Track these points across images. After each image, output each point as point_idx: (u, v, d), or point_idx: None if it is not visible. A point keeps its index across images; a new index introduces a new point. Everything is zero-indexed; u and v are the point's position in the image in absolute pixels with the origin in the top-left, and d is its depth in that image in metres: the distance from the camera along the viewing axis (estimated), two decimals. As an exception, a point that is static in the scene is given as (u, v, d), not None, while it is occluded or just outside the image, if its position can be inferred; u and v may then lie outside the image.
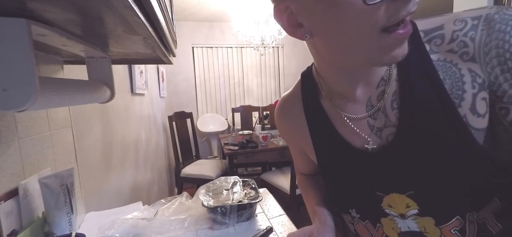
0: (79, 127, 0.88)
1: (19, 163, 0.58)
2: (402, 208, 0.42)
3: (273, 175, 2.19)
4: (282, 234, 0.69)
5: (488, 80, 0.35)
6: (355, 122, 0.44)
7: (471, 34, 0.36)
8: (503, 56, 0.34)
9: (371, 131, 0.42)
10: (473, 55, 0.35)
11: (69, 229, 0.62)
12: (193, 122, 3.05)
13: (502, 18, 0.34)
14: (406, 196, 0.41)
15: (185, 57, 3.57)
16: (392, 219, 0.44)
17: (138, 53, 0.67)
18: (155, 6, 0.39)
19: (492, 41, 0.34)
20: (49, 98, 0.41)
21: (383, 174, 0.42)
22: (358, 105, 0.43)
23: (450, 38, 0.37)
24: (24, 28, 0.34)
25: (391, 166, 0.41)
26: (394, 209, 0.43)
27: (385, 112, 0.41)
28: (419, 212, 0.41)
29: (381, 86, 0.41)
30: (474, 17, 0.36)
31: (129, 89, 1.64)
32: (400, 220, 0.43)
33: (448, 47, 0.37)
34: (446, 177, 0.38)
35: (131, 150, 1.54)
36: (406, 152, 0.39)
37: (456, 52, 0.36)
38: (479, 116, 0.36)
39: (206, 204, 0.74)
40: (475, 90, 0.36)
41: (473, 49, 0.35)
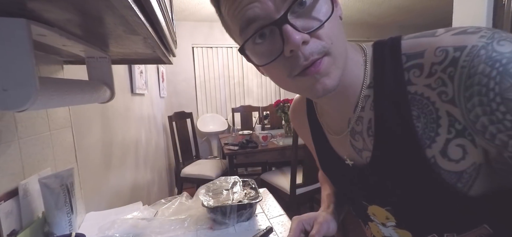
0: (79, 127, 0.88)
1: (19, 163, 0.58)
2: (382, 218, 0.46)
3: (273, 175, 2.19)
4: (282, 234, 0.69)
5: (472, 128, 0.32)
6: (338, 139, 0.47)
7: (450, 71, 0.32)
8: (489, 105, 0.30)
9: (354, 150, 0.45)
10: (453, 98, 0.32)
11: (69, 229, 0.62)
12: (193, 122, 3.05)
13: (488, 57, 0.30)
14: (385, 210, 0.44)
15: (185, 57, 3.57)
16: (377, 225, 0.48)
17: (138, 53, 0.67)
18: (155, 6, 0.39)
19: (473, 86, 0.30)
20: (49, 98, 0.41)
21: (365, 187, 0.46)
22: (341, 125, 0.46)
23: (429, 72, 0.34)
24: (24, 28, 0.34)
25: (370, 183, 0.44)
26: (377, 218, 0.47)
27: (363, 136, 0.42)
28: (396, 225, 0.44)
29: (357, 111, 0.42)
30: (457, 47, 0.32)
31: (129, 89, 1.64)
32: (382, 227, 0.47)
33: (426, 81, 0.35)
34: (419, 201, 0.39)
35: (131, 150, 1.54)
36: (380, 174, 0.42)
37: (434, 89, 0.34)
38: (451, 161, 0.34)
39: (206, 204, 0.74)
40: (450, 135, 0.34)
41: (452, 91, 0.32)
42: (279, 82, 0.38)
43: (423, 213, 0.40)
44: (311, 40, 0.33)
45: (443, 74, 0.33)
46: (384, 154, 0.40)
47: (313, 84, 0.35)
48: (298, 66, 0.33)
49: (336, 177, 0.54)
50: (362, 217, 0.51)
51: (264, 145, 2.18)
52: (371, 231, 0.51)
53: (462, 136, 0.33)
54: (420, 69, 0.35)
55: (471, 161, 0.34)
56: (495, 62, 0.29)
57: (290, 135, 2.29)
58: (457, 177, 0.35)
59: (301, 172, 1.90)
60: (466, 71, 0.31)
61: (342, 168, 0.48)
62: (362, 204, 0.49)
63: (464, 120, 0.32)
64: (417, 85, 0.35)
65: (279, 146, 2.14)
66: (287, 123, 2.50)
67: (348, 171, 0.47)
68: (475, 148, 0.33)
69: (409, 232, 0.43)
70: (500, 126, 0.30)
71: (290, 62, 0.34)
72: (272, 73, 0.38)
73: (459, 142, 0.33)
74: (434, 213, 0.39)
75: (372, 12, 3.40)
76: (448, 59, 0.32)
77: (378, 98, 0.39)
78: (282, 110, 2.51)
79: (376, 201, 0.45)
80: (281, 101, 2.53)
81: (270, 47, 0.34)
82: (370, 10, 3.33)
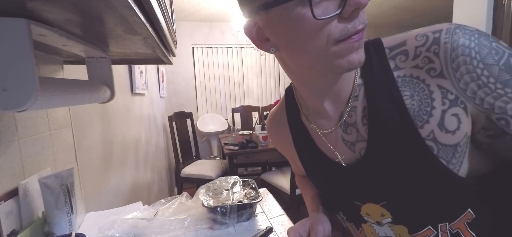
0: (79, 127, 0.88)
1: (19, 163, 0.58)
2: (377, 216, 0.45)
3: (273, 175, 2.19)
4: (282, 234, 0.69)
5: (464, 95, 0.35)
6: (328, 137, 0.47)
7: (434, 48, 0.36)
8: (475, 72, 0.34)
9: (345, 145, 0.44)
10: (441, 71, 0.36)
11: (69, 229, 0.62)
12: (193, 122, 3.05)
13: (464, 32, 0.35)
14: (380, 206, 0.44)
15: (185, 57, 3.57)
16: (371, 225, 0.47)
17: (138, 53, 0.67)
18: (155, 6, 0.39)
19: (458, 57, 0.34)
20: (49, 98, 0.41)
21: (358, 185, 0.45)
22: (331, 121, 0.45)
23: (414, 54, 0.37)
24: (24, 28, 0.34)
25: (364, 178, 0.44)
26: (371, 217, 0.46)
27: (357, 127, 0.42)
28: (392, 220, 0.44)
29: (351, 102, 0.42)
30: (435, 31, 0.36)
31: (129, 89, 1.64)
32: (377, 226, 0.46)
33: (413, 63, 0.38)
34: (414, 190, 0.39)
35: (131, 150, 1.54)
36: (376, 165, 0.41)
37: (422, 68, 0.37)
38: (448, 132, 0.36)
39: (206, 204, 0.74)
40: (445, 106, 0.36)
41: (439, 65, 0.36)
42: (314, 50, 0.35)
43: (418, 203, 0.40)
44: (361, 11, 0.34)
45: (428, 52, 0.36)
46: (379, 142, 0.40)
47: (350, 54, 0.35)
48: (352, 29, 0.33)
49: (324, 181, 0.53)
50: (355, 220, 0.50)
51: (264, 145, 2.18)
52: (364, 233, 0.50)
53: (455, 105, 0.36)
54: (405, 54, 0.38)
55: (464, 131, 0.36)
56: (471, 36, 0.35)
57: (290, 135, 2.28)
58: (452, 151, 0.37)
59: (301, 172, 1.90)
60: (449, 46, 0.35)
61: (331, 169, 0.48)
62: (354, 205, 0.48)
63: (455, 90, 0.35)
64: (404, 69, 0.38)
65: (279, 146, 2.14)
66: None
67: (339, 171, 0.46)
68: (467, 117, 0.36)
69: (405, 227, 0.43)
70: (487, 89, 0.34)
71: (342, 25, 0.33)
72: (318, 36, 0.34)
73: (454, 111, 0.36)
74: (428, 202, 0.40)
75: (372, 12, 3.40)
76: (430, 40, 0.36)
77: (369, 87, 0.41)
78: (282, 110, 2.51)
79: (371, 198, 0.45)
80: (281, 101, 2.52)
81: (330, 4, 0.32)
82: (370, 10, 3.33)
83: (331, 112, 0.44)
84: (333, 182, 0.50)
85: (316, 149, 0.49)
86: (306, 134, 0.50)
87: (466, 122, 0.36)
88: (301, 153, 0.53)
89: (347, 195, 0.48)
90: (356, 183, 0.45)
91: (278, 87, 3.98)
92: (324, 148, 0.48)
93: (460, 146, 0.36)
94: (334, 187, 0.50)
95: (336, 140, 0.45)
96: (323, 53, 0.35)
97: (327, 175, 0.50)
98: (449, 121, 0.36)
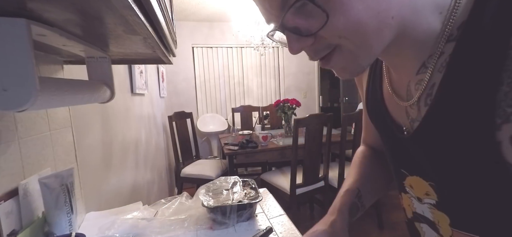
0: (79, 127, 0.88)
1: (19, 163, 0.58)
2: (421, 193, 0.39)
3: (273, 175, 2.19)
4: (282, 234, 0.69)
5: None
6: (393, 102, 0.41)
7: None
8: None
9: (407, 118, 0.39)
10: None
11: (69, 229, 0.62)
12: (193, 122, 3.05)
13: None
14: (428, 184, 0.38)
15: (185, 57, 3.57)
16: (410, 198, 0.43)
17: (138, 53, 0.67)
18: (155, 6, 0.39)
19: None
20: (49, 98, 0.41)
21: (408, 155, 0.40)
22: (400, 87, 0.39)
23: None
24: (24, 28, 0.34)
25: (414, 152, 0.38)
26: (414, 191, 0.41)
27: (419, 105, 0.35)
28: (436, 203, 0.37)
29: (421, 73, 0.34)
30: None
31: (129, 89, 1.64)
32: (416, 202, 0.41)
33: None
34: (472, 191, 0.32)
35: (131, 150, 1.54)
36: (427, 147, 0.35)
37: None
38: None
39: (206, 204, 0.74)
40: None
41: None
42: None
43: (473, 206, 0.32)
44: (316, 41, 0.31)
45: None
46: (436, 127, 0.32)
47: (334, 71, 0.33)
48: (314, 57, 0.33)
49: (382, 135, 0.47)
50: (399, 185, 0.45)
51: (264, 145, 2.18)
52: (402, 202, 0.46)
53: None
54: None
55: None
56: None
57: (290, 135, 2.29)
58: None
59: (301, 172, 1.90)
60: None
61: (389, 129, 0.42)
62: (400, 173, 0.42)
63: None
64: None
65: (279, 146, 2.14)
66: (287, 123, 2.50)
67: (393, 134, 0.41)
68: None
69: (448, 218, 0.36)
70: None
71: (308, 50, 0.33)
72: None
73: None
74: (488, 212, 0.31)
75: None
76: None
77: (458, 55, 0.29)
78: (282, 110, 2.51)
79: (419, 173, 0.39)
80: (281, 101, 2.53)
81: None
82: None
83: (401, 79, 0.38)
84: (387, 140, 0.45)
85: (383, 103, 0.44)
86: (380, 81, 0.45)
87: None
88: (369, 95, 0.48)
89: (396, 159, 0.44)
90: (405, 153, 0.40)
91: (278, 87, 3.98)
92: (388, 105, 0.43)
93: None
94: (388, 146, 0.46)
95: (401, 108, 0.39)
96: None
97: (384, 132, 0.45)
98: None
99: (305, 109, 3.90)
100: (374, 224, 2.20)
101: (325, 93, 5.40)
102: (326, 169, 2.03)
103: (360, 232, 2.12)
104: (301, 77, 4.07)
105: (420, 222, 0.42)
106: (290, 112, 2.48)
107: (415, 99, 0.35)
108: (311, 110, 4.08)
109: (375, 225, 2.18)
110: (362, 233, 2.12)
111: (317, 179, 1.98)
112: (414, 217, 0.43)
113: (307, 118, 1.81)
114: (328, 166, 2.04)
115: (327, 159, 2.03)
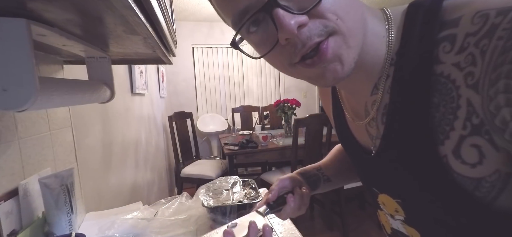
0: (79, 127, 0.88)
1: (19, 163, 0.58)
2: (391, 210, 0.42)
3: (273, 175, 2.19)
4: (282, 234, 0.69)
5: (490, 123, 0.25)
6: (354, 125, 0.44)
7: (483, 44, 0.25)
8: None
9: (369, 137, 0.41)
10: (477, 82, 0.25)
11: (69, 229, 0.62)
12: (193, 122, 3.05)
13: None
14: (395, 201, 0.40)
15: (185, 57, 3.57)
16: (385, 215, 0.45)
17: (138, 53, 0.67)
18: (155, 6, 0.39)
19: (504, 65, 0.23)
20: (49, 98, 0.41)
21: (374, 175, 0.42)
22: (358, 109, 0.42)
23: (460, 46, 0.27)
24: (24, 28, 0.34)
25: (380, 171, 0.40)
26: (386, 208, 0.43)
27: (377, 123, 0.37)
28: (405, 220, 0.40)
29: (374, 95, 0.36)
30: (502, 10, 0.24)
31: (129, 89, 1.64)
32: (391, 218, 0.43)
33: (455, 59, 0.27)
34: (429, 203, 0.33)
35: (131, 150, 1.54)
36: (390, 164, 0.37)
37: (462, 70, 0.26)
38: (465, 164, 0.28)
39: (206, 204, 0.74)
40: (465, 132, 0.27)
41: (479, 72, 0.25)
42: (283, 71, 0.34)
43: (435, 218, 0.34)
44: (310, 20, 0.27)
45: (475, 48, 0.25)
46: (394, 144, 0.34)
47: (322, 73, 0.30)
48: (296, 54, 0.29)
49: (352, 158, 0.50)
50: (374, 203, 0.48)
51: (264, 145, 2.18)
52: (380, 219, 0.48)
53: (477, 134, 0.26)
54: (452, 42, 0.27)
55: (492, 168, 0.26)
56: None
57: (290, 135, 2.29)
58: (474, 184, 0.28)
59: (301, 172, 1.90)
60: (501, 45, 0.23)
61: (356, 151, 0.45)
62: (372, 191, 0.45)
63: (482, 112, 0.25)
64: (445, 64, 0.28)
65: (279, 146, 2.14)
66: (287, 123, 2.50)
67: (361, 155, 0.43)
68: (497, 152, 0.26)
69: (418, 233, 0.38)
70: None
71: (288, 51, 0.29)
72: (273, 63, 0.33)
73: (474, 142, 0.27)
74: (449, 221, 0.32)
75: None
76: (485, 28, 0.25)
77: (397, 79, 0.32)
78: (282, 110, 2.51)
79: (386, 191, 0.41)
80: (281, 101, 2.53)
81: (265, 36, 0.30)
82: None
83: (358, 101, 0.40)
84: (357, 161, 0.47)
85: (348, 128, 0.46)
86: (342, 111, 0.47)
87: (494, 158, 0.26)
88: (336, 123, 0.51)
89: (367, 178, 0.46)
90: (374, 171, 0.42)
91: (278, 87, 3.98)
92: (353, 129, 0.45)
93: (487, 182, 0.27)
94: (357, 166, 0.49)
95: (362, 128, 0.42)
96: (295, 72, 0.33)
97: (353, 154, 0.48)
98: (466, 152, 0.27)
99: (305, 109, 3.90)
100: (374, 224, 2.20)
101: (325, 93, 5.39)
102: (326, 169, 2.03)
103: (360, 232, 2.13)
104: (301, 77, 4.06)
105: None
106: (290, 112, 2.48)
107: (372, 116, 0.37)
108: (311, 110, 4.08)
109: (375, 225, 2.18)
110: (362, 233, 2.12)
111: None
112: (393, 233, 0.45)
113: (307, 118, 1.82)
114: (328, 166, 2.04)
115: (327, 159, 2.03)
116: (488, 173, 0.27)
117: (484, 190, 0.28)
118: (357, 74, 0.34)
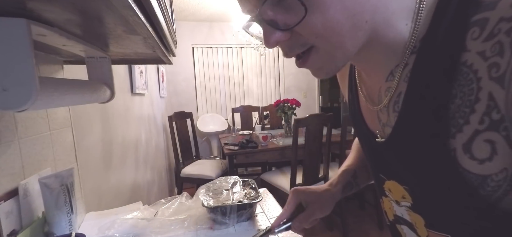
0: (79, 127, 0.88)
1: (19, 163, 0.58)
2: (398, 196, 0.42)
3: (273, 175, 2.19)
4: (282, 234, 0.69)
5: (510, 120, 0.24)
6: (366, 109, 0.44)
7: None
8: None
9: (379, 123, 0.41)
10: (503, 74, 0.23)
11: (69, 229, 0.62)
12: (193, 122, 3.05)
13: None
14: (403, 188, 0.40)
15: (185, 57, 3.57)
16: (390, 201, 0.45)
17: (138, 53, 0.67)
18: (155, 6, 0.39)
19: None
20: (49, 98, 0.41)
21: (384, 160, 0.42)
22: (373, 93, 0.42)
23: (490, 32, 0.24)
24: (24, 28, 0.34)
25: (388, 158, 0.41)
26: (392, 194, 0.43)
27: (388, 111, 0.37)
28: (411, 206, 0.40)
29: (389, 81, 0.36)
30: None
31: (129, 89, 1.64)
32: (395, 205, 0.44)
33: (481, 46, 0.25)
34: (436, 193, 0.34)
35: (131, 150, 1.54)
36: (398, 154, 0.37)
37: (487, 60, 0.24)
38: (474, 159, 0.27)
39: (206, 204, 0.74)
40: (481, 126, 0.25)
41: (506, 64, 0.23)
42: None
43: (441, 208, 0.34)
44: (293, 36, 0.31)
45: (505, 37, 0.23)
46: (405, 134, 0.34)
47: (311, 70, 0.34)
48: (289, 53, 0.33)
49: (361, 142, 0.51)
50: (379, 189, 0.48)
51: (264, 145, 2.18)
52: (383, 205, 0.48)
53: (494, 130, 0.25)
54: (482, 27, 0.25)
55: (500, 165, 0.26)
56: None
57: (290, 135, 2.29)
58: (479, 181, 0.27)
59: (301, 172, 1.90)
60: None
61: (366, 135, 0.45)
62: (379, 177, 0.45)
63: (505, 108, 0.24)
64: (469, 52, 0.26)
65: (279, 146, 2.14)
66: (287, 123, 2.50)
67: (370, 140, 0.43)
68: (510, 150, 0.25)
69: (423, 219, 0.38)
70: None
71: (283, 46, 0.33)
72: None
73: (489, 137, 0.25)
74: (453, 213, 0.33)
75: None
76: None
77: (418, 67, 0.31)
78: (282, 110, 2.51)
79: (395, 177, 0.41)
80: (281, 101, 2.53)
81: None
82: None
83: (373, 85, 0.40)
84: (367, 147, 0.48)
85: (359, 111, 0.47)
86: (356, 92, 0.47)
87: (506, 156, 0.25)
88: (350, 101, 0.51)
89: (374, 164, 0.46)
90: (382, 158, 0.42)
91: (278, 87, 3.98)
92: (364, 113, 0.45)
93: (493, 180, 0.27)
94: (366, 152, 0.50)
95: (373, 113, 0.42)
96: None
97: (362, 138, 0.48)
98: (478, 147, 0.26)
99: (305, 109, 3.90)
100: (374, 224, 2.20)
101: (325, 93, 5.39)
102: (326, 169, 2.03)
103: (360, 232, 2.13)
104: (301, 77, 4.06)
105: (400, 224, 0.44)
106: (290, 112, 2.48)
107: (384, 104, 0.37)
108: (311, 110, 4.08)
109: (375, 225, 2.18)
110: (362, 233, 2.12)
111: (317, 179, 1.98)
112: (395, 219, 0.45)
113: (307, 118, 1.82)
114: (328, 166, 2.04)
115: (327, 159, 2.03)
116: (495, 171, 0.26)
117: (488, 188, 0.27)
118: (374, 56, 0.35)
